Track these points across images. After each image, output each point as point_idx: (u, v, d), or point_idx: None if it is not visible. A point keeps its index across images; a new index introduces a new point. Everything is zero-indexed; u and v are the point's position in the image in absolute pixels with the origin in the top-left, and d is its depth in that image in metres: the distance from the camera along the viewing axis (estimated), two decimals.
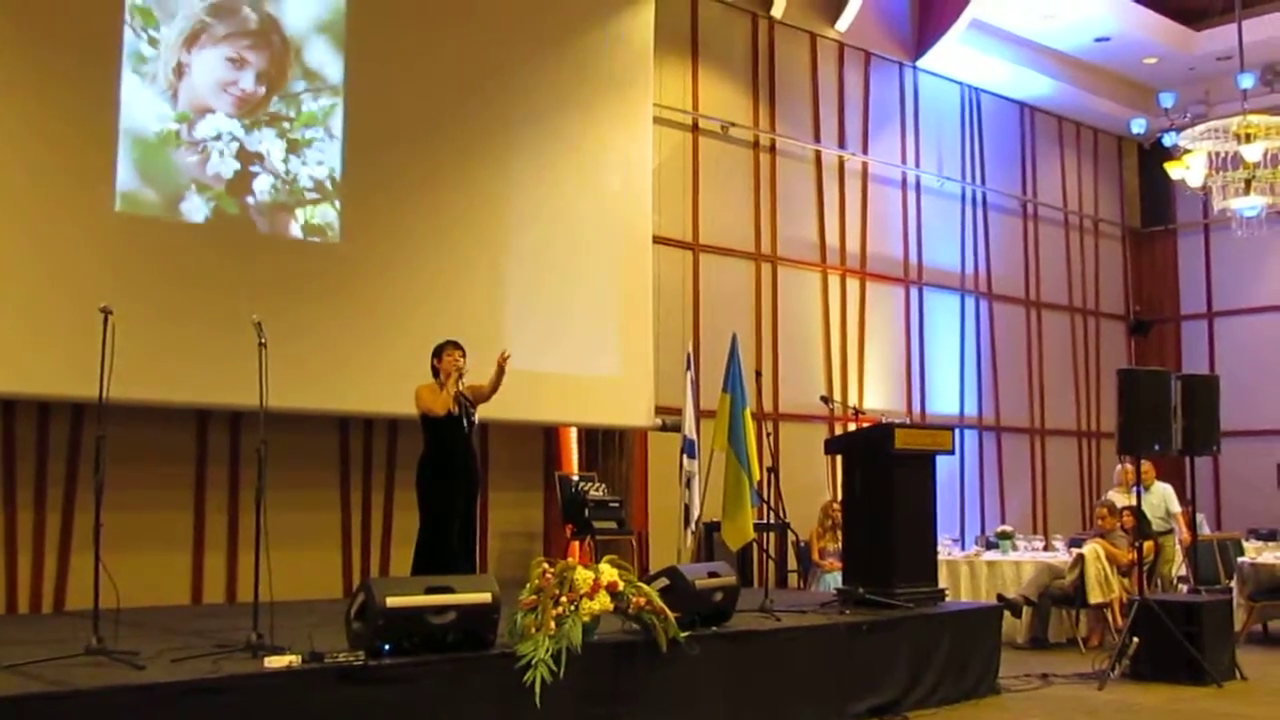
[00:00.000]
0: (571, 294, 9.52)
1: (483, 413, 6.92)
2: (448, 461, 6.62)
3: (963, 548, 10.50)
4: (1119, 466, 10.55)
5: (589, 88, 9.85)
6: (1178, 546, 9.88)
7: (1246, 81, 11.59)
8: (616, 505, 9.38)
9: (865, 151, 12.74)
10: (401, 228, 8.68)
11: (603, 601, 4.97)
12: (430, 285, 8.75)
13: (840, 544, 8.66)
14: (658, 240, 10.46)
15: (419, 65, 8.88)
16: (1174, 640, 7.22)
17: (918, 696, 6.41)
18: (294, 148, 8.29)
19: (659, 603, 5.23)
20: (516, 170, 9.35)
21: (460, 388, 6.63)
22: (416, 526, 6.65)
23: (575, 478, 9.57)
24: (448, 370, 6.61)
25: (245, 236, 8.04)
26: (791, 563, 10.32)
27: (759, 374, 9.01)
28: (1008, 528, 10.51)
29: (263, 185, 8.14)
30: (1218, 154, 11.19)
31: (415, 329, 8.23)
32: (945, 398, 13.37)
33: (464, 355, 6.65)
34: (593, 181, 9.81)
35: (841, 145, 12.52)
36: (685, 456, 9.15)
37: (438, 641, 4.71)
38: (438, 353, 6.71)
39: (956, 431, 7.92)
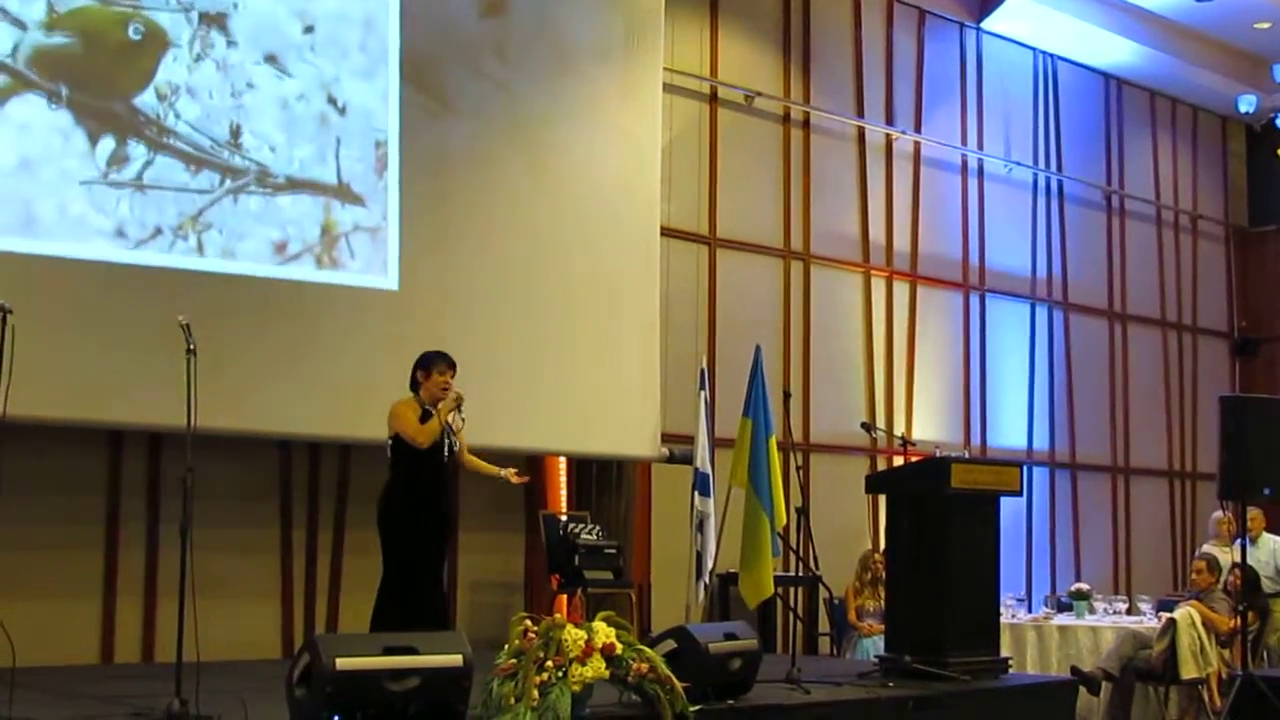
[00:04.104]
0: (562, 297, 9.51)
1: None
2: (420, 494, 6.55)
3: (1029, 609, 10.50)
4: (1217, 514, 10.55)
5: (585, 49, 9.87)
6: None
7: None
8: (613, 551, 9.37)
9: (918, 130, 12.79)
10: None
11: (596, 667, 4.99)
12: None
13: (882, 602, 8.70)
14: (667, 233, 10.49)
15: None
16: None
17: None
18: None
19: (664, 670, 5.24)
20: (493, 150, 9.35)
21: (454, 420, 6.55)
22: (373, 573, 6.65)
23: (564, 518, 9.58)
24: (434, 394, 6.53)
25: None
26: (823, 624, 10.33)
27: (787, 395, 9.03)
28: (1084, 586, 10.51)
29: None
30: None
31: (368, 336, 8.29)
32: (1011, 428, 13.40)
33: (454, 374, 6.59)
34: (588, 163, 9.82)
35: (889, 121, 12.57)
36: (697, 494, 9.17)
37: (398, 713, 4.72)
38: (425, 365, 6.61)
39: (1024, 469, 7.93)
